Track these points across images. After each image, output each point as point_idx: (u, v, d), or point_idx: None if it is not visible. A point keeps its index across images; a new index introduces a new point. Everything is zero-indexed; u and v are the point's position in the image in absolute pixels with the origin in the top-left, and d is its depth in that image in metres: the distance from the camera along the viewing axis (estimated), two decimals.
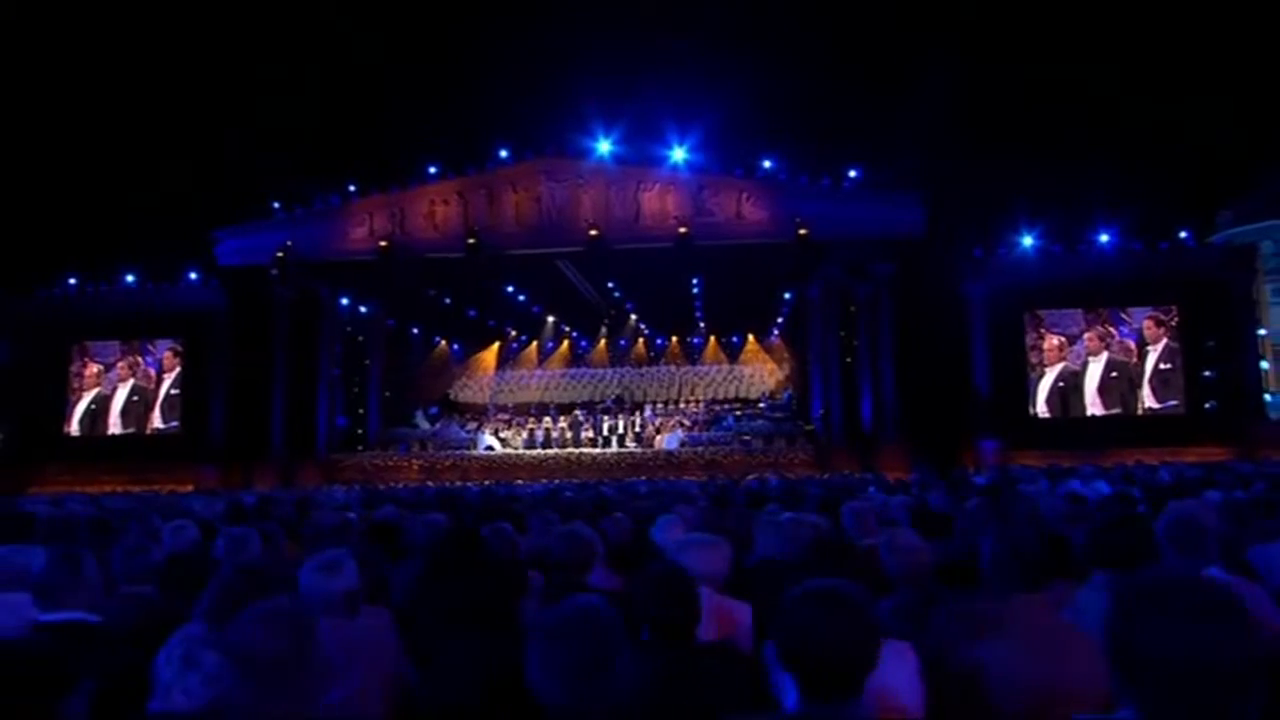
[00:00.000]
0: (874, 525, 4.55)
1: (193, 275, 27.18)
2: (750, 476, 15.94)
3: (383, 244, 23.47)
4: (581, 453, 25.00)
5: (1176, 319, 24.71)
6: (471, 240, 22.94)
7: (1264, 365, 28.04)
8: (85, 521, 6.06)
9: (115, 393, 27.52)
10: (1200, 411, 24.29)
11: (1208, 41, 34.86)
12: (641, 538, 4.32)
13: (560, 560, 3.35)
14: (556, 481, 18.00)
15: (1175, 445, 22.76)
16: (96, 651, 2.75)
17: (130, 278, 27.52)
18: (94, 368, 27.64)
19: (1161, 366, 24.58)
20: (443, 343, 32.29)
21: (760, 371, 32.66)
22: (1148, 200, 26.36)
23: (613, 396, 30.87)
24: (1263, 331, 29.10)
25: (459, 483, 21.64)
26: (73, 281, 27.52)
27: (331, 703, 2.47)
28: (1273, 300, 36.96)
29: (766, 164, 23.71)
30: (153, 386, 27.49)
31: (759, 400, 29.68)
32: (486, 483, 20.80)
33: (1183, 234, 25.35)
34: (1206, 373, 24.41)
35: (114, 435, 27.38)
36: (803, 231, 21.93)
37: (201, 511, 8.28)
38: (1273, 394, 28.34)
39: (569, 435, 26.43)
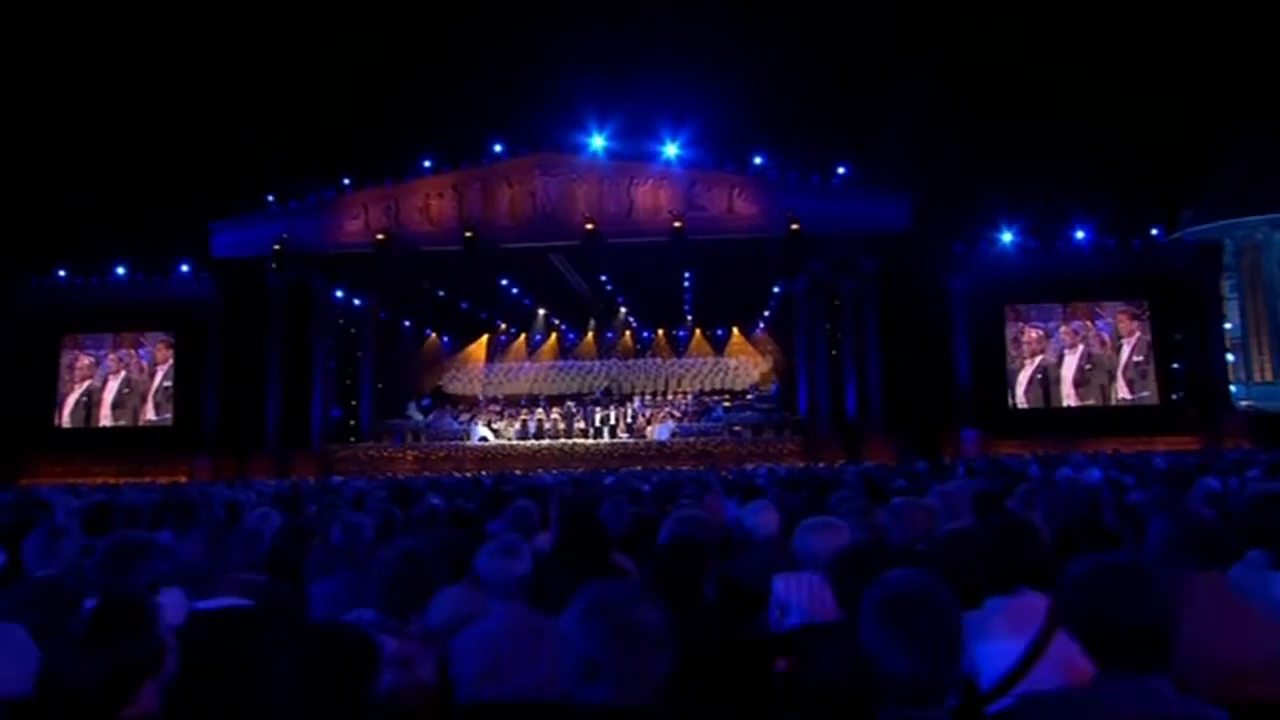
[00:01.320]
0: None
1: (184, 268, 27.18)
2: (762, 466, 16.50)
3: (380, 237, 23.70)
4: (575, 443, 25.43)
5: (1148, 313, 25.63)
6: (469, 234, 23.24)
7: (1230, 358, 29.10)
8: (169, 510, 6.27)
9: (106, 385, 27.49)
10: (1170, 402, 25.24)
11: (1172, 42, 36.01)
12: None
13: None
14: (579, 471, 18.45)
15: (1146, 435, 23.65)
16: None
17: (121, 270, 27.47)
18: (85, 360, 27.58)
19: (1134, 359, 25.51)
20: (433, 335, 32.50)
21: (745, 364, 33.21)
22: (1121, 198, 27.31)
23: (601, 388, 31.27)
24: (1228, 326, 30.18)
25: (454, 473, 22.00)
26: (63, 273, 27.42)
27: (521, 686, 2.62)
28: (1231, 296, 38.16)
29: (757, 160, 24.26)
30: (144, 379, 27.48)
31: (747, 392, 30.26)
32: (484, 473, 21.20)
33: (1154, 231, 26.29)
34: (1175, 365, 25.37)
35: (105, 427, 27.35)
36: (795, 226, 22.48)
37: (252, 500, 8.60)
38: (1237, 386, 29.41)
39: (561, 426, 26.83)
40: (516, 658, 2.61)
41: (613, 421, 27.12)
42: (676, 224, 23.00)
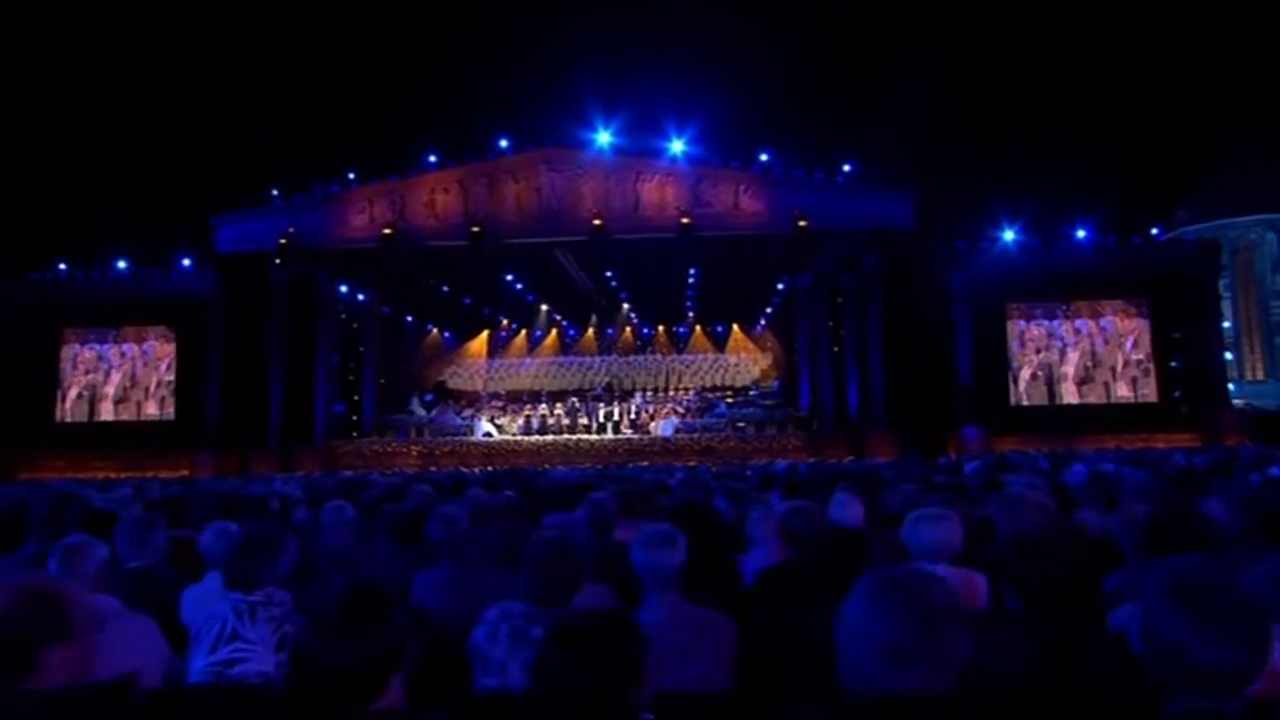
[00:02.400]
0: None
1: (186, 262, 27.06)
2: (780, 462, 16.58)
3: (386, 232, 23.65)
4: (580, 439, 25.47)
5: (1148, 311, 25.89)
6: (476, 229, 23.23)
7: (1228, 356, 29.43)
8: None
9: (107, 379, 27.35)
10: (1170, 400, 25.50)
11: (1170, 41, 36.37)
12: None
13: (800, 534, 3.51)
14: (599, 466, 18.49)
15: (1146, 432, 23.95)
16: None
17: (122, 264, 27.33)
18: (85, 354, 27.43)
19: (1134, 357, 25.76)
20: (435, 330, 32.49)
21: (745, 360, 33.38)
22: (1121, 197, 27.59)
23: (602, 384, 31.37)
24: (1226, 324, 30.51)
25: (460, 468, 22.01)
26: (63, 267, 27.26)
27: (689, 677, 2.60)
28: (1224, 295, 38.63)
29: (763, 157, 24.34)
30: (145, 373, 27.36)
31: (749, 388, 30.40)
32: (490, 468, 21.21)
33: (1154, 230, 26.56)
34: (1175, 363, 25.63)
35: (106, 422, 27.21)
36: (803, 223, 22.59)
37: (297, 493, 8.60)
38: (1235, 384, 29.76)
39: (565, 422, 26.87)
40: (679, 650, 2.60)
41: (616, 417, 27.18)
42: (684, 220, 23.06)
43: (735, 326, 33.46)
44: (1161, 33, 35.04)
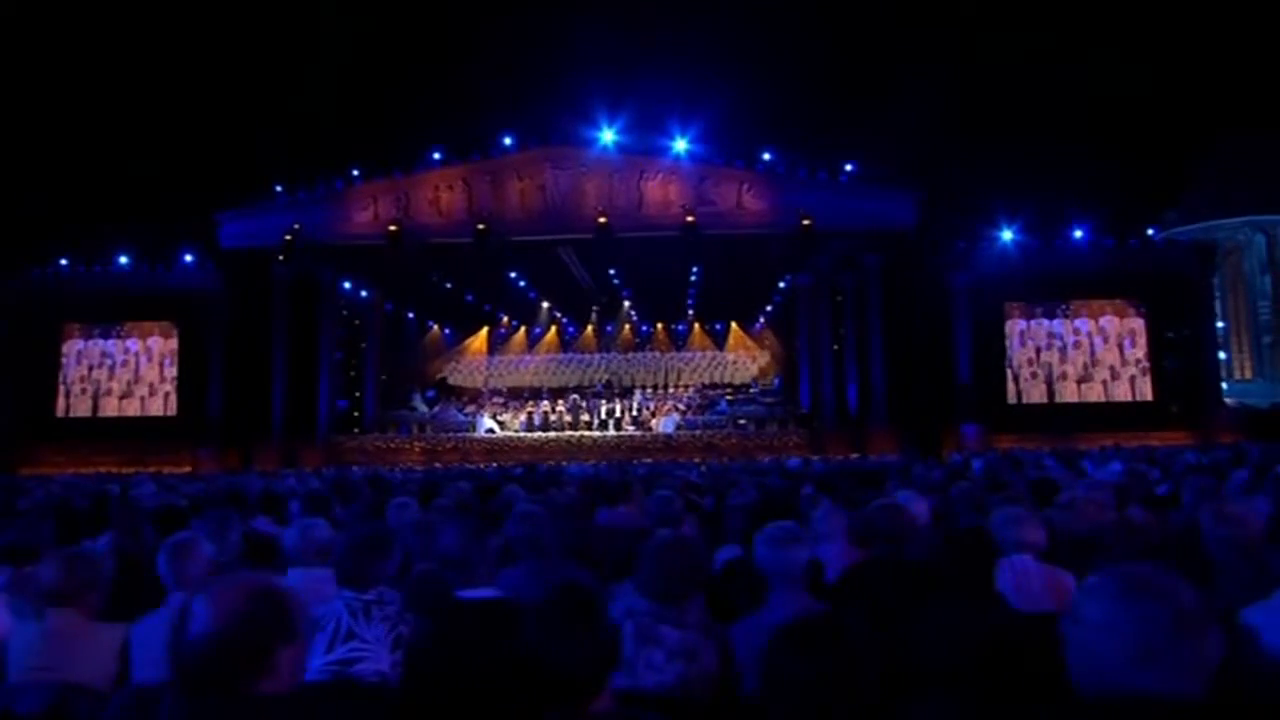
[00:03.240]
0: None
1: (188, 258, 26.99)
2: (792, 458, 16.74)
3: (392, 228, 23.67)
4: (582, 435, 25.59)
5: (1145, 312, 26.22)
6: (482, 226, 23.29)
7: (1221, 356, 29.83)
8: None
9: (108, 374, 27.27)
10: (1165, 399, 25.85)
11: (1168, 43, 36.80)
12: None
13: (885, 531, 3.57)
14: (604, 462, 18.59)
15: (1141, 430, 24.24)
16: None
17: (123, 259, 27.23)
18: (86, 349, 27.34)
19: (1131, 356, 26.10)
20: (435, 327, 32.52)
21: (743, 358, 33.57)
22: (1118, 198, 27.88)
23: (602, 381, 31.49)
24: (1221, 324, 30.89)
25: (462, 464, 22.10)
26: (64, 262, 27.13)
27: None
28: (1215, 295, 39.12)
29: (766, 156, 24.48)
30: (146, 369, 27.29)
31: (749, 385, 30.58)
32: (491, 465, 21.31)
33: (1150, 231, 26.89)
34: (1170, 363, 25.98)
35: (107, 417, 27.14)
36: (807, 222, 22.75)
37: (320, 489, 8.67)
38: (1225, 383, 30.17)
39: (567, 419, 26.99)
40: None
41: (618, 414, 27.32)
42: (689, 218, 23.18)
43: (734, 324, 33.64)
44: (1158, 37, 35.48)
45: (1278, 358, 38.09)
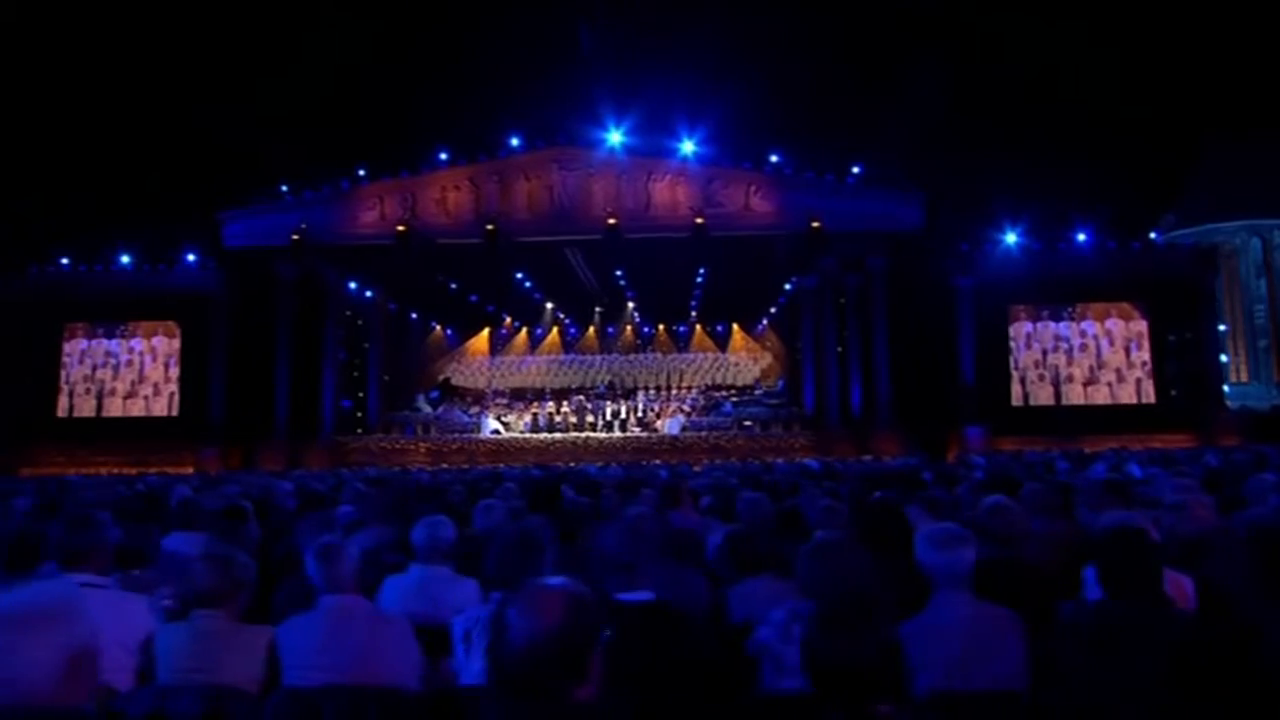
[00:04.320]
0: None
1: (190, 258, 26.80)
2: (811, 460, 16.73)
3: (401, 229, 23.59)
4: (588, 437, 25.56)
5: (1148, 314, 26.38)
6: (490, 227, 23.24)
7: (1224, 358, 30.04)
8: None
9: (109, 374, 27.07)
10: (1168, 401, 25.99)
11: (1168, 48, 37.07)
12: None
13: (993, 531, 3.56)
14: (637, 462, 18.51)
15: (1143, 433, 24.35)
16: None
17: (125, 259, 27.03)
18: (87, 348, 27.13)
19: (1137, 359, 26.25)
20: (438, 328, 32.42)
21: (745, 360, 33.62)
22: (1122, 201, 28.03)
23: (604, 382, 31.47)
24: (1222, 327, 31.11)
25: (467, 465, 22.02)
26: (65, 261, 26.90)
27: (994, 675, 2.59)
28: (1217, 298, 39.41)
29: (773, 158, 24.52)
30: (148, 369, 27.10)
31: (752, 387, 30.62)
32: (492, 465, 21.25)
33: (1153, 235, 27.06)
34: (1173, 365, 26.13)
35: (108, 417, 26.92)
36: (816, 224, 22.81)
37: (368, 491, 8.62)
38: (1237, 385, 30.42)
39: (573, 420, 26.96)
40: (983, 649, 2.60)
41: (623, 415, 27.31)
42: (699, 220, 23.20)
43: (735, 326, 33.68)
44: (1157, 41, 35.77)
45: (1273, 361, 38.42)
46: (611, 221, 23.20)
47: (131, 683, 2.67)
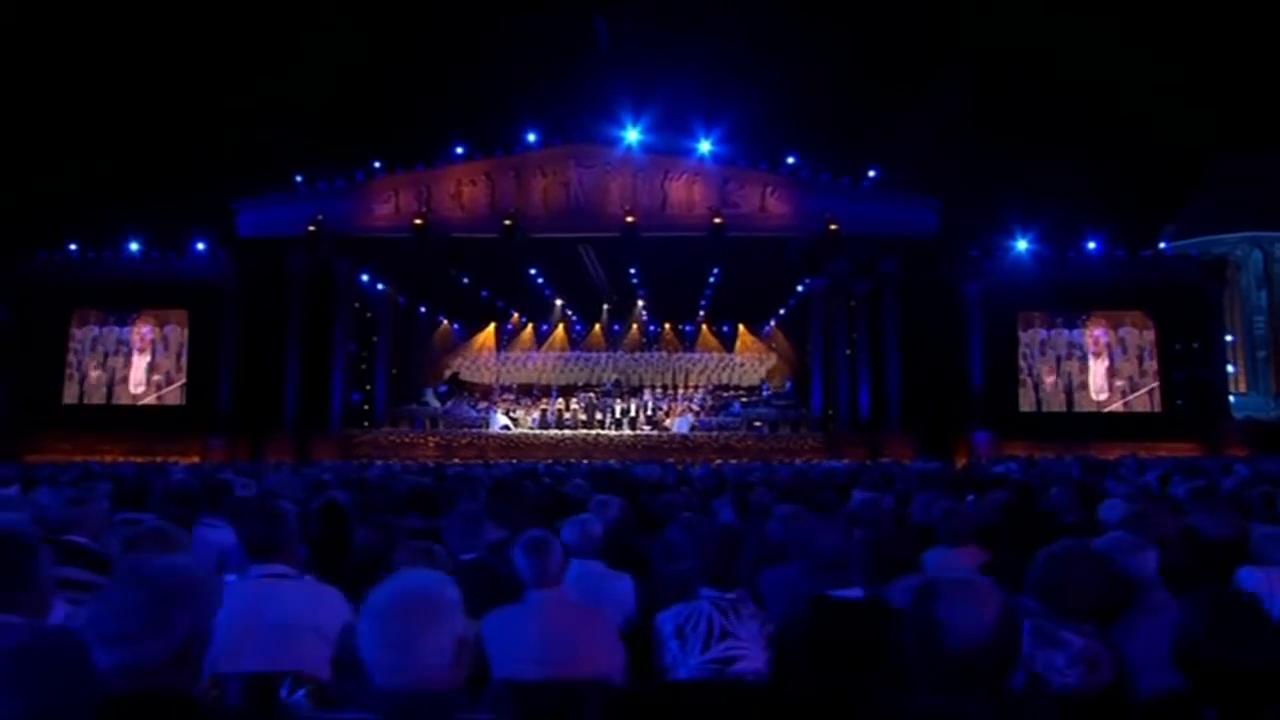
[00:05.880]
0: None
1: (200, 246, 26.63)
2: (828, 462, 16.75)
3: (418, 222, 23.52)
4: (599, 434, 25.56)
5: (1155, 323, 26.55)
6: (508, 222, 23.20)
7: (1230, 368, 30.27)
8: None
9: (115, 362, 26.89)
10: (1174, 410, 26.18)
11: (1164, 64, 37.36)
12: None
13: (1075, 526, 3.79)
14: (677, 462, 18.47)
15: (1149, 440, 24.51)
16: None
17: (135, 246, 26.83)
18: (94, 336, 26.93)
19: (1144, 367, 26.44)
20: (445, 322, 32.34)
21: (751, 360, 33.66)
22: (1132, 211, 28.21)
23: (610, 380, 31.47)
24: (1230, 337, 31.32)
25: (478, 461, 21.97)
26: (73, 247, 26.69)
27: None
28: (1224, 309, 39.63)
29: (790, 160, 24.57)
30: (156, 357, 26.94)
31: (760, 387, 30.67)
32: (507, 460, 21.21)
33: (1162, 244, 27.24)
34: (1179, 374, 26.32)
35: (114, 405, 26.75)
36: (834, 227, 22.87)
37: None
38: (1236, 395, 30.67)
39: (582, 417, 26.95)
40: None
41: (633, 413, 27.32)
42: (717, 220, 23.22)
43: (741, 327, 33.70)
44: (1170, 53, 36.04)
45: (1271, 372, 38.75)
46: (630, 219, 23.18)
47: (329, 673, 2.67)
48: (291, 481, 7.59)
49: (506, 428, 26.32)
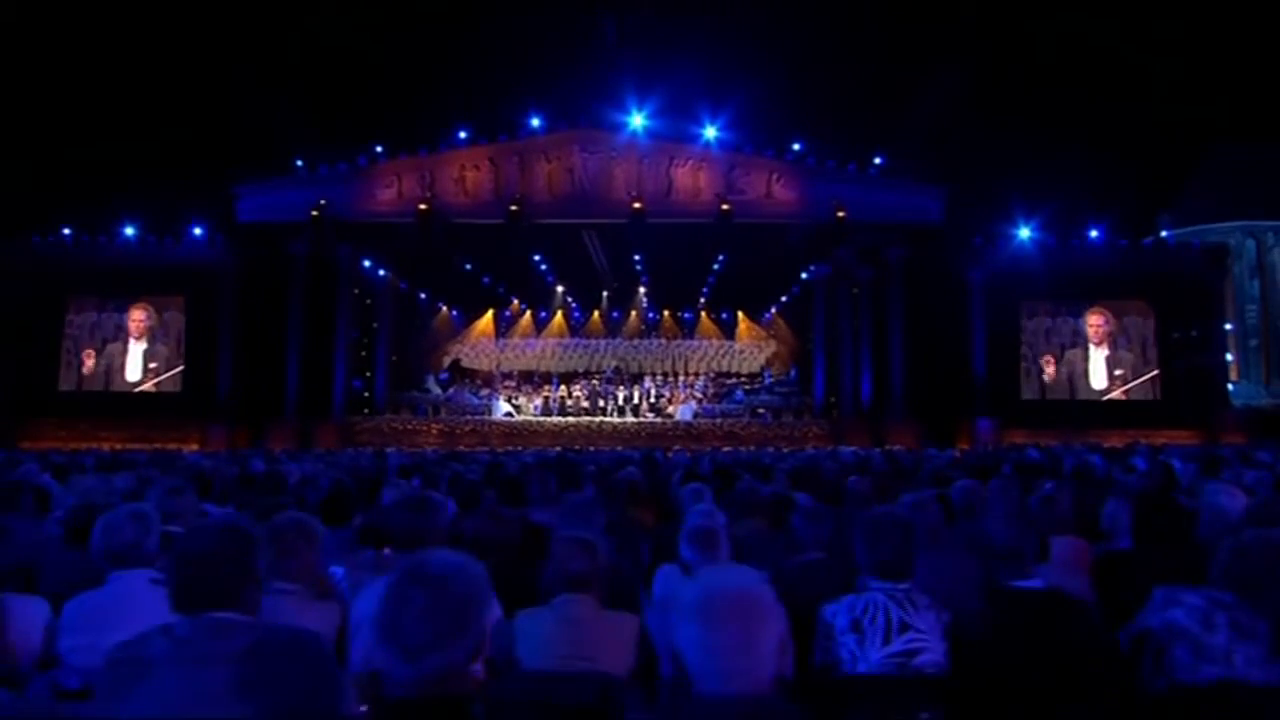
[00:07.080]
0: None
1: (198, 231, 26.27)
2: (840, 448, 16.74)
3: (423, 208, 23.27)
4: (603, 421, 25.47)
5: (1155, 311, 26.68)
6: (515, 208, 22.98)
7: (1228, 357, 30.48)
8: None
9: (112, 349, 26.55)
10: (1173, 398, 26.35)
11: (1164, 54, 37.45)
12: None
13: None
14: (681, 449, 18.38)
15: (1148, 428, 24.72)
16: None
17: (131, 231, 26.43)
18: (90, 321, 26.56)
19: (1145, 355, 26.58)
20: (445, 308, 32.09)
21: (751, 347, 33.58)
22: (1133, 200, 28.30)
23: (611, 367, 31.33)
24: (1229, 326, 31.52)
25: (481, 448, 21.83)
26: (68, 232, 26.26)
27: None
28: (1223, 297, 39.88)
29: (796, 147, 24.45)
30: (153, 343, 26.61)
31: (761, 375, 30.63)
32: (512, 447, 21.08)
33: (1164, 233, 27.34)
34: (1179, 362, 26.48)
35: (110, 392, 26.43)
36: (841, 214, 22.79)
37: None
38: (1234, 384, 30.91)
39: (585, 404, 26.85)
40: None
41: (635, 400, 27.23)
42: (724, 206, 23.09)
43: (741, 314, 33.60)
44: (1172, 44, 36.16)
45: (1263, 361, 39.07)
46: (637, 206, 23.02)
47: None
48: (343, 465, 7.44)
49: (510, 415, 26.19)
